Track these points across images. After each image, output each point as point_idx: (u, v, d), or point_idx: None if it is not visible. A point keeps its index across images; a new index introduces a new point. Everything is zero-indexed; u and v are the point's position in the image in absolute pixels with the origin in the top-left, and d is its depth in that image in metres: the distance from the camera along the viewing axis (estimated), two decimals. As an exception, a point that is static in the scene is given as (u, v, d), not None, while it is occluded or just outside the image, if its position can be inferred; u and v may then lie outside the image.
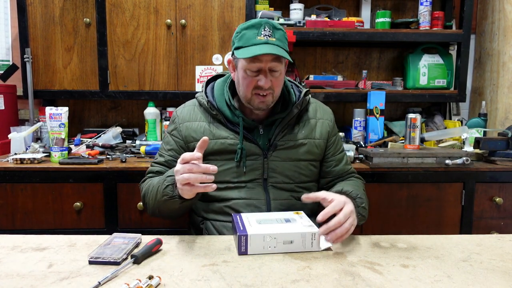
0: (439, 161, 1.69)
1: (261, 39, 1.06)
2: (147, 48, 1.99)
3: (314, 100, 1.30)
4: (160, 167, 1.20)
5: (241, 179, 1.16)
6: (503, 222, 1.73)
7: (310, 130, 1.22)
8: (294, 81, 1.30)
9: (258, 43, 1.06)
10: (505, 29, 2.16)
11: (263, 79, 1.08)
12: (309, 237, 0.91)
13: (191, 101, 1.26)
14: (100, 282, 0.73)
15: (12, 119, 2.01)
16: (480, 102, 2.25)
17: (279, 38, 1.08)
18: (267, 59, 1.07)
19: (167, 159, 1.20)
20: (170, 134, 1.23)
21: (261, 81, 1.09)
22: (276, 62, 1.08)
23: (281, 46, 1.07)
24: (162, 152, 1.22)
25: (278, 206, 1.15)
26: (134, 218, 1.66)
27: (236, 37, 1.11)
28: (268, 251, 0.90)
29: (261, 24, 1.07)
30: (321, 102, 1.33)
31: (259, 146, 1.16)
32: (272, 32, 1.07)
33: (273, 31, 1.08)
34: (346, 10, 2.28)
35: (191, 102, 1.25)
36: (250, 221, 0.97)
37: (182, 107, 1.25)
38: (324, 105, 1.31)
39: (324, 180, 1.27)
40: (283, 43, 1.09)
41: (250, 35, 1.07)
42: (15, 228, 1.63)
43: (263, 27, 1.07)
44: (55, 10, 1.96)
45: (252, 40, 1.06)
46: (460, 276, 0.80)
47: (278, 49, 1.06)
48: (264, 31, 1.06)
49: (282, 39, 1.10)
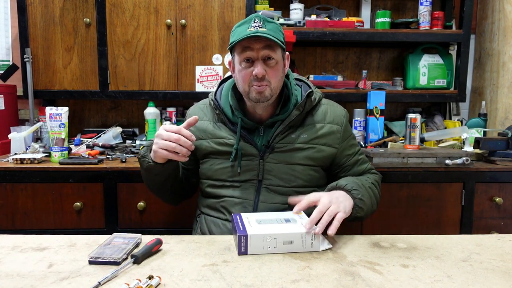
0: (439, 161, 1.69)
1: (251, 30, 1.07)
2: (147, 48, 1.99)
3: (327, 101, 1.25)
4: None
5: (236, 179, 1.17)
6: (503, 222, 1.73)
7: (314, 134, 1.18)
8: (305, 80, 1.25)
9: (248, 34, 1.07)
10: (505, 29, 2.16)
11: (256, 68, 1.09)
12: (309, 238, 0.91)
13: (204, 100, 1.30)
14: (100, 282, 0.73)
15: (12, 119, 2.01)
16: (480, 102, 2.25)
17: (271, 29, 1.09)
18: (258, 48, 1.08)
19: None
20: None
21: (255, 70, 1.09)
22: (268, 49, 1.09)
23: (272, 35, 1.08)
24: None
25: (265, 209, 1.15)
26: (134, 218, 1.66)
27: (231, 35, 1.14)
28: (268, 251, 0.90)
29: (252, 18, 1.10)
30: (335, 103, 1.26)
31: (256, 147, 1.16)
32: (263, 24, 1.08)
33: (264, 23, 1.09)
34: (346, 10, 2.29)
35: (204, 101, 1.30)
36: (250, 221, 0.97)
37: (195, 105, 1.32)
38: (337, 107, 1.25)
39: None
40: (275, 33, 1.09)
41: (242, 29, 1.09)
42: (15, 228, 1.63)
43: (253, 20, 1.09)
44: (55, 10, 1.97)
45: (242, 33, 1.08)
46: (460, 276, 0.80)
47: (267, 36, 1.07)
48: (254, 23, 1.08)
49: (275, 30, 1.10)
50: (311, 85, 1.22)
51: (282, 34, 1.14)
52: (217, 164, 1.19)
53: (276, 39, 1.08)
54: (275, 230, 0.91)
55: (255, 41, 1.08)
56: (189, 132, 1.02)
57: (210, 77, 2.02)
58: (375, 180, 1.22)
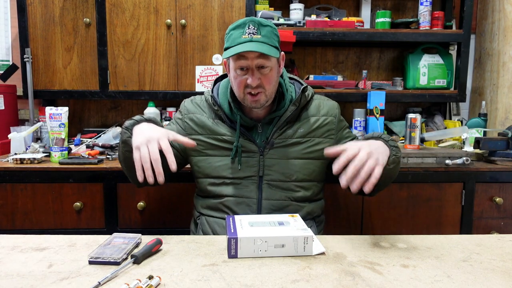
0: (439, 161, 1.69)
1: (245, 37, 1.07)
2: (147, 48, 1.99)
3: (319, 97, 1.29)
4: None
5: (236, 175, 1.17)
6: (503, 222, 1.73)
7: (310, 128, 1.20)
8: (297, 78, 1.28)
9: (242, 42, 1.06)
10: (505, 29, 2.16)
11: (250, 78, 1.09)
12: (301, 241, 0.88)
13: (200, 95, 1.29)
14: (100, 282, 0.73)
15: (12, 119, 2.01)
16: (480, 102, 2.25)
17: (266, 34, 1.08)
18: (252, 57, 1.08)
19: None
20: (175, 121, 1.27)
21: (249, 79, 1.09)
22: (262, 58, 1.08)
23: (266, 43, 1.07)
24: None
25: (269, 206, 1.15)
26: (134, 218, 1.66)
27: (225, 38, 1.13)
28: (259, 254, 0.87)
29: (246, 23, 1.08)
30: (325, 97, 1.30)
31: (256, 144, 1.17)
32: (258, 29, 1.07)
33: (259, 28, 1.08)
34: (346, 10, 2.28)
35: (200, 96, 1.29)
36: (242, 223, 0.95)
37: (191, 99, 1.29)
38: (329, 101, 1.29)
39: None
40: (269, 39, 1.09)
41: (236, 35, 1.08)
42: (15, 228, 1.63)
43: (247, 25, 1.08)
44: (55, 10, 1.96)
45: (237, 39, 1.07)
46: (460, 276, 0.80)
47: (261, 45, 1.06)
48: (249, 29, 1.07)
49: (270, 35, 1.09)
50: (303, 82, 1.26)
51: (278, 37, 1.14)
52: (216, 162, 1.19)
53: (270, 47, 1.07)
54: (266, 233, 0.89)
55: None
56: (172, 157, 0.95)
57: (210, 77, 2.02)
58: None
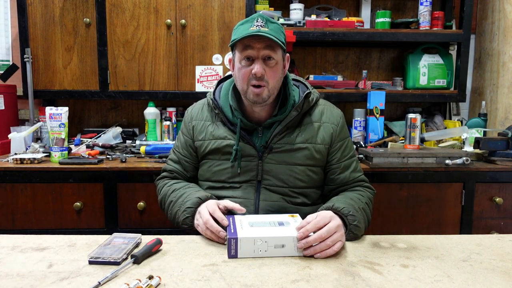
0: (439, 161, 1.69)
1: (253, 29, 1.07)
2: (147, 48, 1.99)
3: (324, 102, 1.25)
4: (173, 166, 1.28)
5: (235, 180, 1.17)
6: (503, 222, 1.73)
7: (311, 134, 1.18)
8: (303, 81, 1.26)
9: (250, 33, 1.07)
10: (505, 29, 2.16)
11: (256, 66, 1.09)
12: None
13: (202, 100, 1.30)
14: (100, 282, 0.73)
15: (12, 119, 2.01)
16: (480, 102, 2.25)
17: (273, 29, 1.09)
18: (259, 47, 1.08)
19: (179, 157, 1.27)
20: (182, 133, 1.29)
21: (254, 69, 1.09)
22: (269, 49, 1.09)
23: (273, 35, 1.08)
24: (175, 150, 1.30)
25: (267, 207, 1.15)
26: (134, 218, 1.66)
27: (232, 33, 1.14)
28: (258, 254, 0.87)
29: (255, 17, 1.10)
30: (332, 104, 1.26)
31: (255, 148, 1.16)
32: (265, 24, 1.09)
33: (267, 23, 1.09)
34: (346, 10, 2.28)
35: (202, 101, 1.29)
36: (242, 223, 0.95)
37: (193, 106, 1.30)
38: (334, 108, 1.25)
39: (328, 187, 1.23)
40: (277, 34, 1.10)
41: (244, 28, 1.09)
42: (15, 228, 1.63)
43: (256, 19, 1.09)
44: (55, 10, 1.96)
45: (245, 31, 1.08)
46: (460, 276, 0.80)
47: (269, 36, 1.07)
48: (257, 22, 1.08)
49: (277, 31, 1.10)
50: (309, 86, 1.23)
51: (284, 35, 1.15)
52: (216, 166, 1.19)
53: (277, 40, 1.08)
54: (266, 233, 0.89)
55: (256, 40, 1.08)
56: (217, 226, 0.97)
57: (210, 77, 2.02)
58: (368, 199, 1.16)
